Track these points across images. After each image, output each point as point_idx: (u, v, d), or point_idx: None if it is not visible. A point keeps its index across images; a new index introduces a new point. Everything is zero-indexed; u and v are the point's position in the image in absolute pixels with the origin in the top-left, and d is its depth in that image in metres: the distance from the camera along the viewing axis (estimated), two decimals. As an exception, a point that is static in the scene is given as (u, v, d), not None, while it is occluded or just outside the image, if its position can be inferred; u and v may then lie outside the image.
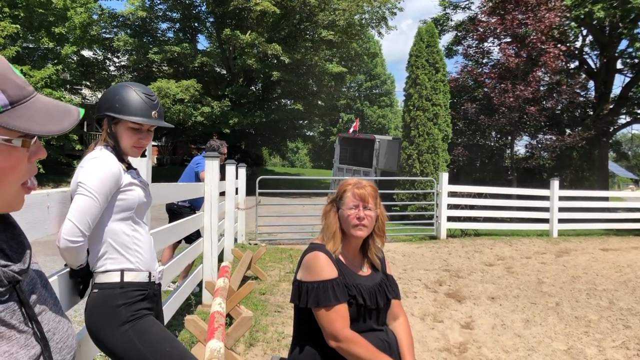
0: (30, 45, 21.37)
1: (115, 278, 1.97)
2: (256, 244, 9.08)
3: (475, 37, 18.45)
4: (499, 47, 17.57)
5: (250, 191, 9.78)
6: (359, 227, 2.14)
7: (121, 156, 2.07)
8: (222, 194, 6.72)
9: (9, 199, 0.84)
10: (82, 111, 0.90)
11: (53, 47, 20.99)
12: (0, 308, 0.81)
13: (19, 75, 0.84)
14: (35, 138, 0.85)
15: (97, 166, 1.95)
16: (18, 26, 18.90)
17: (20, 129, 0.79)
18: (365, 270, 2.25)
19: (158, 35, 26.33)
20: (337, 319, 2.03)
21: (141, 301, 1.99)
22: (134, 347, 1.90)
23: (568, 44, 19.00)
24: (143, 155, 2.26)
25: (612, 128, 21.06)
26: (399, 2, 25.46)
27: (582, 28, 20.23)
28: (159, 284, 2.17)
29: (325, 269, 2.10)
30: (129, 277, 1.99)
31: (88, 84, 24.23)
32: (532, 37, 16.36)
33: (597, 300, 6.36)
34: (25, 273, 0.86)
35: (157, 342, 1.93)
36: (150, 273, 2.06)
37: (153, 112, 2.07)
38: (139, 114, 2.04)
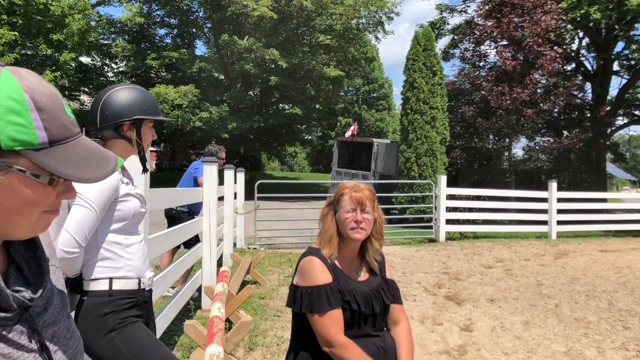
0: (29, 52, 21.37)
1: (103, 286, 1.96)
2: (255, 249, 9.08)
3: (471, 40, 18.49)
4: (495, 50, 17.64)
5: (249, 195, 9.79)
6: (356, 230, 2.13)
7: (145, 160, 2.09)
8: (221, 198, 6.73)
9: (32, 225, 0.82)
10: (120, 160, 0.86)
11: (51, 53, 21.01)
12: (7, 331, 0.80)
13: (69, 114, 0.81)
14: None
15: None
16: (16, 33, 18.93)
17: (50, 169, 0.76)
18: (363, 275, 2.23)
19: (156, 41, 26.37)
20: (330, 325, 2.02)
21: (129, 309, 1.99)
22: (120, 354, 1.89)
23: (564, 47, 19.09)
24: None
25: (609, 130, 21.12)
26: (396, 7, 25.53)
27: (579, 30, 20.33)
28: (150, 291, 2.17)
29: (319, 274, 2.09)
30: (117, 285, 1.98)
31: (86, 90, 24.28)
32: (528, 40, 16.41)
33: (597, 301, 6.37)
34: (35, 301, 0.85)
35: (142, 348, 1.93)
36: (139, 280, 2.06)
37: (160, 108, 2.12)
38: (159, 112, 2.08)
